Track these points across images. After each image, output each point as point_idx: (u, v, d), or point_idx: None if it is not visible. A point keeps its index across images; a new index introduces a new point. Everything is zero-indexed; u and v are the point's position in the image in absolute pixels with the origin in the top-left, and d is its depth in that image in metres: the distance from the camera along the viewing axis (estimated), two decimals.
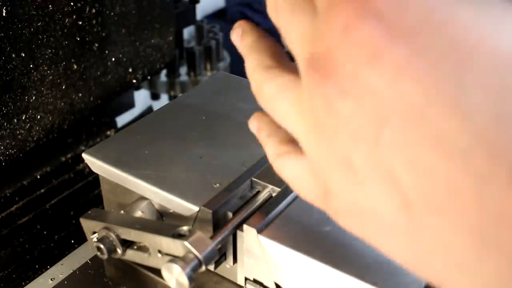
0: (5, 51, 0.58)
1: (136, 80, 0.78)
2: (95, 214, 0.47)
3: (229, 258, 0.46)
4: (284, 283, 0.44)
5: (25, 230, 0.68)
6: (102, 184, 0.52)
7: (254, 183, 0.48)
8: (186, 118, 0.56)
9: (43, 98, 0.65)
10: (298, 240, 0.41)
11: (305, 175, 0.30)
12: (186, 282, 0.39)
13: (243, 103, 0.58)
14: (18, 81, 0.61)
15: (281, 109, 0.29)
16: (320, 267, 0.40)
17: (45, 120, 0.66)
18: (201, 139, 0.53)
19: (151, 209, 0.48)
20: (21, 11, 0.59)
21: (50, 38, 0.63)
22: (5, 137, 0.61)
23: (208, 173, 0.48)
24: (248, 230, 0.43)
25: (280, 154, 0.33)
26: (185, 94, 0.62)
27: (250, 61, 0.33)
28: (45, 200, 0.70)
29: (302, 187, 0.31)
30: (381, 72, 0.21)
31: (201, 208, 0.44)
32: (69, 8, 0.64)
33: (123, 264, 0.52)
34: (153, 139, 0.52)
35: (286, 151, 0.33)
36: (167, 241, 0.41)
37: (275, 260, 0.42)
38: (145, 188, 0.47)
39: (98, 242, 0.45)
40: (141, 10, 0.74)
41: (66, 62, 0.66)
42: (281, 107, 0.29)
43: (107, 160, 0.50)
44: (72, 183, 0.74)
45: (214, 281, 0.49)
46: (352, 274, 0.39)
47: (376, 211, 0.24)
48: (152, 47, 0.78)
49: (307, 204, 0.45)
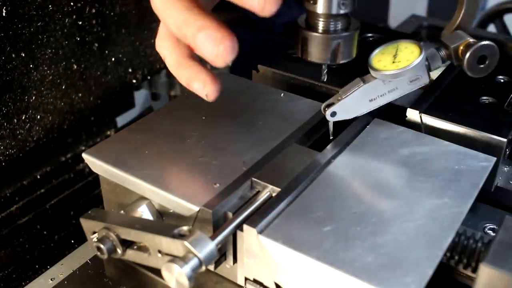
0: (5, 51, 0.58)
1: (136, 80, 0.78)
2: (95, 214, 0.47)
3: (229, 258, 0.46)
4: (284, 283, 0.44)
5: (25, 230, 0.68)
6: (102, 184, 0.52)
7: (254, 183, 0.48)
8: (186, 118, 0.56)
9: (43, 98, 0.65)
10: (298, 240, 0.41)
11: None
12: (186, 282, 0.39)
13: (243, 103, 0.58)
14: (18, 81, 0.61)
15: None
16: (320, 267, 0.40)
17: (45, 120, 0.66)
18: (201, 139, 0.53)
19: (151, 209, 0.48)
20: (21, 11, 0.59)
21: (50, 38, 0.63)
22: (5, 137, 0.61)
23: (208, 173, 0.48)
24: (248, 230, 0.43)
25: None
26: (185, 94, 0.61)
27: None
28: (45, 200, 0.70)
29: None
30: None
31: (201, 208, 0.44)
32: (69, 8, 0.64)
33: (123, 264, 0.52)
34: (153, 139, 0.52)
35: None
36: (167, 241, 0.41)
37: (275, 260, 0.42)
38: (145, 188, 0.47)
39: (98, 242, 0.45)
40: (141, 10, 0.74)
41: (66, 62, 0.66)
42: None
43: (107, 160, 0.50)
44: (72, 183, 0.74)
45: (214, 281, 0.49)
46: (352, 274, 0.39)
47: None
48: (152, 47, 0.78)
49: (307, 204, 0.45)
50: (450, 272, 0.47)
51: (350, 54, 0.51)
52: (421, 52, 0.50)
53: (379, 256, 0.40)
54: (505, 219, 0.43)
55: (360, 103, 0.52)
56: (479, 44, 0.50)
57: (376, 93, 0.52)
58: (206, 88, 0.47)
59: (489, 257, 0.40)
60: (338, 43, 0.49)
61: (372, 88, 0.52)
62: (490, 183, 0.54)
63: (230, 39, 0.41)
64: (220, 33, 0.41)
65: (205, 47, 0.41)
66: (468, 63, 0.50)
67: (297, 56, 0.52)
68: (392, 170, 0.49)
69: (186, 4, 0.42)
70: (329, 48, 0.49)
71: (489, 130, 0.54)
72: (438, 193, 0.46)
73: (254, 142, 0.52)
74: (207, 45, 0.41)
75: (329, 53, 0.49)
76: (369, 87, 0.51)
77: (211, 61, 0.42)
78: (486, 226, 0.54)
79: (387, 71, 0.50)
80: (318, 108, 0.57)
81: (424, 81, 0.52)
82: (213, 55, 0.41)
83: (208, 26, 0.41)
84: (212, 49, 0.41)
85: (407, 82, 0.51)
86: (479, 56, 0.50)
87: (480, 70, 0.51)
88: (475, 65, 0.50)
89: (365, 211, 0.44)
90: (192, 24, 0.41)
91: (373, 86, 0.51)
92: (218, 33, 0.40)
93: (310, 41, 0.49)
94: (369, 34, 0.72)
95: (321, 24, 0.49)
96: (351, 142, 0.53)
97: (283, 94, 0.60)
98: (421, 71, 0.51)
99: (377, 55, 0.52)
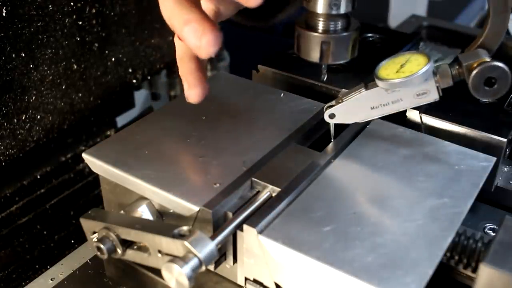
0: (5, 51, 0.58)
1: (136, 80, 0.78)
2: (95, 214, 0.47)
3: (229, 258, 0.46)
4: (284, 283, 0.44)
5: (25, 230, 0.68)
6: (102, 184, 0.52)
7: (254, 183, 0.48)
8: (186, 118, 0.56)
9: (43, 98, 0.65)
10: (298, 240, 0.41)
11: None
12: (186, 282, 0.39)
13: (243, 103, 0.58)
14: (18, 81, 0.61)
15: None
16: (320, 267, 0.40)
17: (45, 120, 0.66)
18: (201, 139, 0.53)
19: (151, 209, 0.48)
20: (21, 11, 0.59)
21: (50, 38, 0.63)
22: (5, 137, 0.61)
23: (208, 173, 0.48)
24: (248, 230, 0.43)
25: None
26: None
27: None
28: (45, 200, 0.70)
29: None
30: None
31: (201, 208, 0.44)
32: (69, 8, 0.64)
33: (123, 264, 0.52)
34: (153, 139, 0.52)
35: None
36: (167, 241, 0.41)
37: (275, 260, 0.42)
38: (145, 188, 0.47)
39: (98, 242, 0.45)
40: (141, 10, 0.74)
41: (66, 62, 0.66)
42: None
43: (107, 160, 0.50)
44: (72, 183, 0.74)
45: (214, 281, 0.49)
46: (352, 274, 0.39)
47: None
48: (152, 47, 0.78)
49: (307, 204, 0.45)
50: (450, 272, 0.47)
51: (344, 56, 0.50)
52: (425, 65, 0.47)
53: (379, 256, 0.40)
54: (505, 219, 0.43)
55: (360, 109, 0.51)
56: (488, 63, 0.46)
57: (378, 101, 0.50)
58: (189, 90, 0.50)
59: (489, 257, 0.40)
60: (328, 43, 0.49)
61: (374, 96, 0.50)
62: (490, 183, 0.54)
63: (212, 32, 0.43)
64: (203, 26, 0.43)
65: (190, 39, 0.43)
66: (473, 83, 0.47)
67: (297, 56, 0.52)
68: (392, 170, 0.49)
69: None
70: (317, 47, 0.49)
71: (489, 130, 0.54)
72: (438, 193, 0.46)
73: (254, 142, 0.52)
74: (191, 37, 0.43)
75: (318, 52, 0.49)
76: (371, 94, 0.50)
77: (196, 53, 0.44)
78: (486, 226, 0.54)
79: (387, 80, 0.48)
80: (318, 108, 0.57)
81: (433, 97, 0.49)
82: (197, 47, 0.43)
83: (193, 19, 0.43)
84: (196, 41, 0.43)
85: (413, 96, 0.49)
86: (486, 77, 0.46)
87: (486, 93, 0.47)
88: (481, 86, 0.47)
89: (365, 211, 0.44)
90: (179, 17, 0.43)
91: (375, 93, 0.49)
92: (201, 26, 0.43)
93: (301, 38, 0.50)
94: (369, 34, 0.72)
95: (313, 22, 0.49)
96: (351, 142, 0.53)
97: (283, 94, 0.60)
98: (426, 85, 0.48)
99: (387, 63, 0.50)
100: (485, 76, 0.46)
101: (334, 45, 0.49)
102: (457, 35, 0.85)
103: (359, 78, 0.63)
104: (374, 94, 0.50)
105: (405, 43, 0.71)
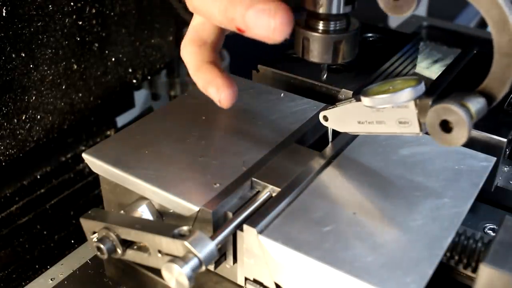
0: (5, 51, 0.58)
1: (136, 80, 0.78)
2: (95, 214, 0.47)
3: (229, 258, 0.46)
4: (284, 283, 0.44)
5: (25, 230, 0.68)
6: (102, 184, 0.52)
7: (254, 183, 0.48)
8: (186, 118, 0.56)
9: (43, 98, 0.65)
10: (298, 240, 0.41)
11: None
12: (186, 282, 0.39)
13: (243, 103, 0.58)
14: (18, 81, 0.61)
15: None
16: (320, 267, 0.40)
17: (45, 120, 0.66)
18: (201, 139, 0.53)
19: (151, 209, 0.48)
20: (21, 11, 0.59)
21: (50, 38, 0.63)
22: (5, 137, 0.61)
23: (208, 173, 0.48)
24: (248, 230, 0.43)
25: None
26: (185, 94, 0.62)
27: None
28: (45, 200, 0.70)
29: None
30: None
31: (201, 208, 0.44)
32: (69, 8, 0.64)
33: (123, 264, 0.52)
34: (153, 139, 0.52)
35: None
36: (167, 241, 0.41)
37: (275, 260, 0.42)
38: (145, 188, 0.47)
39: (98, 242, 0.45)
40: (141, 10, 0.74)
41: (66, 62, 0.66)
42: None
43: (107, 160, 0.50)
44: (72, 183, 0.74)
45: (214, 281, 0.49)
46: (352, 274, 0.39)
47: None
48: (152, 47, 0.78)
49: (307, 204, 0.45)
50: (450, 272, 0.47)
51: (353, 53, 0.50)
52: (409, 87, 0.42)
53: (379, 256, 0.40)
54: (505, 219, 0.43)
55: (348, 119, 0.49)
56: (441, 104, 0.39)
57: (364, 117, 0.47)
58: (220, 93, 0.47)
59: (489, 257, 0.40)
60: (340, 43, 0.49)
61: (361, 110, 0.47)
62: (490, 183, 0.54)
63: (284, 9, 0.37)
64: (272, 5, 0.37)
65: (259, 23, 0.37)
66: (428, 125, 0.40)
67: (297, 56, 0.52)
68: (392, 170, 0.49)
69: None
70: (330, 48, 0.49)
71: (489, 130, 0.54)
72: (438, 193, 0.46)
73: (254, 142, 0.52)
74: (261, 20, 0.37)
75: (331, 53, 0.49)
76: (358, 107, 0.47)
77: (267, 38, 0.38)
78: (486, 226, 0.54)
79: (371, 96, 0.44)
80: (318, 108, 0.57)
81: (414, 130, 0.43)
82: (270, 30, 0.37)
83: (258, 0, 0.38)
84: (267, 23, 0.37)
85: (395, 121, 0.45)
86: (441, 120, 0.39)
87: (443, 139, 0.39)
88: (437, 129, 0.39)
89: (365, 211, 0.44)
90: (239, 3, 0.38)
91: (361, 107, 0.46)
92: (269, 5, 0.37)
93: (311, 42, 0.49)
94: (369, 34, 0.72)
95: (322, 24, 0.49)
96: (351, 142, 0.53)
97: (283, 94, 0.60)
98: (406, 112, 0.43)
99: (380, 84, 0.46)
100: (439, 118, 0.39)
101: (346, 44, 0.49)
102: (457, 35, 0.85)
103: (359, 78, 0.63)
104: (361, 108, 0.47)
105: (405, 43, 0.71)
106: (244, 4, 0.38)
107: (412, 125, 0.43)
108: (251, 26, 0.38)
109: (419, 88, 0.41)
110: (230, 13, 0.39)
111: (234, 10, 0.38)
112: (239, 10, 0.38)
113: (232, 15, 0.39)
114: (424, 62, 0.81)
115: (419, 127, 0.43)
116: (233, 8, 0.38)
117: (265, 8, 0.37)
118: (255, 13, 0.37)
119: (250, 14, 0.37)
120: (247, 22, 0.38)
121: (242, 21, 0.38)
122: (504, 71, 0.38)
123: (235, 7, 0.38)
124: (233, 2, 0.38)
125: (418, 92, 0.42)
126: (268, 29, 0.37)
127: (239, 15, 0.38)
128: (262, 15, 0.37)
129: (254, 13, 0.37)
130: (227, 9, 0.39)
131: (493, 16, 0.36)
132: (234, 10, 0.38)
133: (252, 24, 0.38)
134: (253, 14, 0.37)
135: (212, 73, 0.47)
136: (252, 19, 0.38)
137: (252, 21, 0.38)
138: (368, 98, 0.44)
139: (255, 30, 0.38)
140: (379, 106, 0.44)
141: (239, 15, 0.38)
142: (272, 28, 0.37)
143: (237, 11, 0.38)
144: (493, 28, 0.37)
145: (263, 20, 0.37)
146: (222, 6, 0.39)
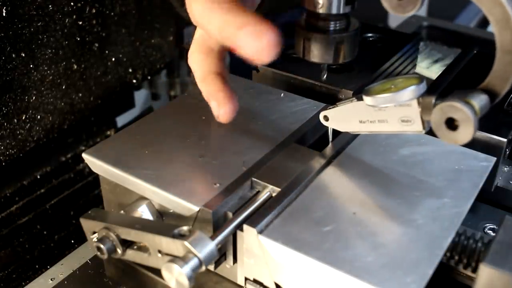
0: (5, 51, 0.58)
1: (136, 80, 0.78)
2: (95, 214, 0.47)
3: (229, 258, 0.46)
4: (284, 283, 0.44)
5: (25, 230, 0.68)
6: (102, 184, 0.52)
7: (254, 183, 0.48)
8: (186, 118, 0.56)
9: (43, 98, 0.65)
10: (298, 240, 0.41)
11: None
12: (186, 282, 0.39)
13: (243, 103, 0.58)
14: (18, 81, 0.61)
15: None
16: (320, 267, 0.40)
17: (45, 120, 0.66)
18: (201, 139, 0.53)
19: (151, 209, 0.48)
20: (21, 11, 0.59)
21: (50, 38, 0.63)
22: (5, 137, 0.61)
23: (208, 173, 0.48)
24: (248, 230, 0.43)
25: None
26: (185, 94, 0.62)
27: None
28: (45, 200, 0.70)
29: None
30: None
31: (201, 208, 0.44)
32: (69, 8, 0.64)
33: (123, 264, 0.52)
34: (153, 139, 0.52)
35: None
36: (167, 241, 0.41)
37: (275, 260, 0.42)
38: (145, 188, 0.47)
39: (98, 242, 0.45)
40: (141, 10, 0.74)
41: (66, 62, 0.66)
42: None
43: (107, 160, 0.50)
44: (72, 183, 0.74)
45: (214, 281, 0.49)
46: (352, 274, 0.39)
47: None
48: (152, 47, 0.78)
49: (307, 204, 0.45)
50: (450, 272, 0.47)
51: (352, 54, 0.50)
52: (412, 85, 0.42)
53: (379, 256, 0.40)
54: (505, 219, 0.43)
55: (349, 119, 0.48)
56: (447, 102, 0.39)
57: (366, 116, 0.47)
58: (220, 109, 0.48)
59: (489, 257, 0.40)
60: (341, 43, 0.49)
61: (362, 109, 0.47)
62: (490, 183, 0.54)
63: (271, 32, 0.40)
64: (261, 27, 0.40)
65: (248, 43, 0.40)
66: (433, 123, 0.41)
67: (297, 56, 0.52)
68: (392, 170, 0.49)
69: (226, 6, 0.42)
70: (331, 48, 0.49)
71: (489, 130, 0.54)
72: (438, 193, 0.46)
73: (254, 142, 0.52)
74: (249, 41, 0.40)
75: (332, 53, 0.49)
76: (359, 106, 0.47)
77: (256, 57, 0.41)
78: (486, 226, 0.54)
79: (373, 95, 0.44)
80: (318, 108, 0.57)
81: (417, 128, 0.44)
82: (257, 50, 0.40)
83: (248, 22, 0.40)
84: (254, 44, 0.40)
85: (398, 120, 0.45)
86: (446, 118, 0.39)
87: (449, 137, 0.40)
88: (442, 127, 0.40)
89: (365, 211, 0.44)
90: (232, 24, 0.41)
91: (363, 107, 0.46)
92: (258, 27, 0.40)
93: (312, 42, 0.49)
94: (369, 34, 0.72)
95: (323, 24, 0.49)
96: (351, 142, 0.53)
97: (283, 94, 0.60)
98: (409, 110, 0.43)
99: (382, 83, 0.46)
100: (445, 116, 0.40)
101: (346, 43, 0.49)
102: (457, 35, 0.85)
103: (359, 78, 0.63)
104: (362, 108, 0.47)
105: (405, 43, 0.71)
106: (236, 25, 0.41)
107: (415, 123, 0.44)
108: (241, 45, 0.41)
109: (422, 86, 0.42)
110: (225, 32, 0.41)
111: (228, 29, 0.41)
112: (232, 29, 0.41)
113: (227, 34, 0.41)
114: (424, 62, 0.81)
115: (422, 125, 0.43)
116: (227, 27, 0.41)
117: (254, 30, 0.40)
118: (245, 34, 0.40)
119: (240, 34, 0.40)
120: (238, 41, 0.41)
121: (234, 39, 0.41)
122: (506, 69, 0.39)
123: (229, 26, 0.41)
124: (228, 22, 0.41)
125: (421, 90, 0.42)
126: (256, 49, 0.40)
127: (232, 34, 0.41)
128: (250, 36, 0.40)
129: (244, 34, 0.40)
130: (223, 29, 0.42)
131: (495, 14, 0.37)
132: (228, 30, 0.41)
133: (243, 44, 0.40)
134: (243, 35, 0.40)
135: (215, 85, 0.48)
136: (242, 39, 0.40)
137: (242, 41, 0.40)
138: (371, 97, 0.44)
139: (245, 50, 0.41)
140: (381, 105, 0.44)
141: (232, 35, 0.41)
142: (260, 49, 0.40)
143: (230, 31, 0.41)
144: (495, 26, 0.37)
145: (252, 41, 0.40)
146: (219, 25, 0.42)
